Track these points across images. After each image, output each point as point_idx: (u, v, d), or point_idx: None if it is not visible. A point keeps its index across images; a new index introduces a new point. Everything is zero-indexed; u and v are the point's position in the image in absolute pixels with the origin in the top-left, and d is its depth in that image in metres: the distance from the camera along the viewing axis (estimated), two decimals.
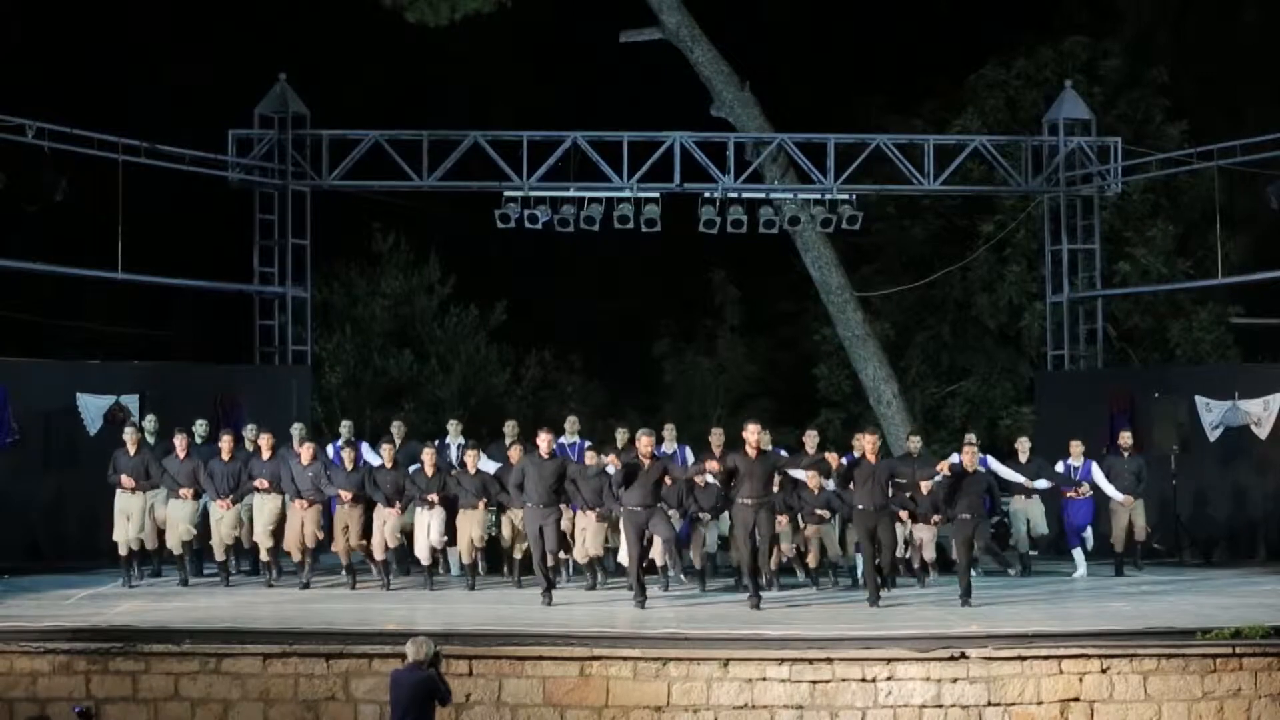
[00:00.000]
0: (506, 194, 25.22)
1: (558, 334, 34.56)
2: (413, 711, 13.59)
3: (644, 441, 18.66)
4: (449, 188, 26.02)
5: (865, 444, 18.91)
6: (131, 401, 22.48)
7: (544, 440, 19.17)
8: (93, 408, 22.61)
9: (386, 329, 33.29)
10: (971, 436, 21.51)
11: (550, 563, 19.08)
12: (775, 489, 19.18)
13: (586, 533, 20.03)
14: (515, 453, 20.27)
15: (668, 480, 19.28)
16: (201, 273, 25.73)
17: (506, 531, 20.53)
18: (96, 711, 15.26)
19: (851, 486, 18.82)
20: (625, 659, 15.69)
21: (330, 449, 21.10)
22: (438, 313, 33.79)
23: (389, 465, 20.18)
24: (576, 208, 25.19)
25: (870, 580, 18.55)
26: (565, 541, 20.00)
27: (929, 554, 20.67)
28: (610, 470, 18.85)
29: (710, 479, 19.57)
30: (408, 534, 20.44)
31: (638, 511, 18.46)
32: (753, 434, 18.39)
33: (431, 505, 19.91)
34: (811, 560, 20.33)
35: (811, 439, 21.39)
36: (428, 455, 20.21)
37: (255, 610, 17.76)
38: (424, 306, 33.64)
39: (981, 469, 19.34)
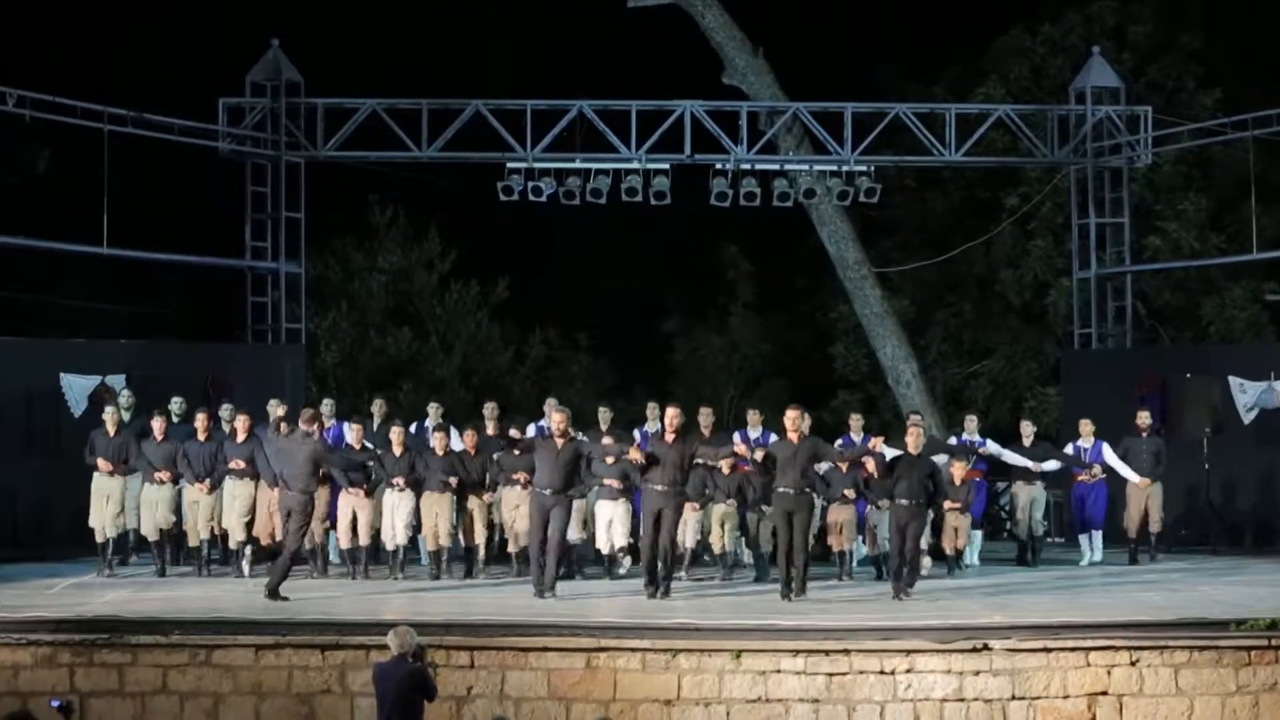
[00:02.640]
0: (509, 165, 25.15)
1: (563, 311, 34.51)
2: (400, 707, 13.51)
3: (556, 419, 18.63)
4: (449, 159, 25.94)
5: (786, 422, 18.63)
6: (117, 382, 22.39)
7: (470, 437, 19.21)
8: (77, 388, 22.56)
9: (384, 306, 33.27)
10: (917, 416, 21.51)
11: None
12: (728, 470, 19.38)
13: (613, 523, 19.93)
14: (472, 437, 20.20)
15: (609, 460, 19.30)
16: (191, 247, 25.68)
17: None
18: (80, 705, 15.22)
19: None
20: (634, 650, 15.65)
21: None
22: (438, 289, 33.76)
23: (355, 445, 20.05)
24: (582, 180, 25.12)
25: (783, 570, 18.34)
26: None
27: (962, 541, 20.58)
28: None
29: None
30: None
31: (545, 495, 18.37)
32: (671, 418, 18.40)
33: (401, 489, 19.82)
34: (716, 546, 20.17)
35: (755, 418, 21.41)
36: (395, 435, 20.06)
37: (247, 600, 17.70)
38: (423, 283, 33.60)
39: (926, 453, 19.13)
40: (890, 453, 19.27)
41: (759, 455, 19.27)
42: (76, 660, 15.63)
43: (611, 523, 19.87)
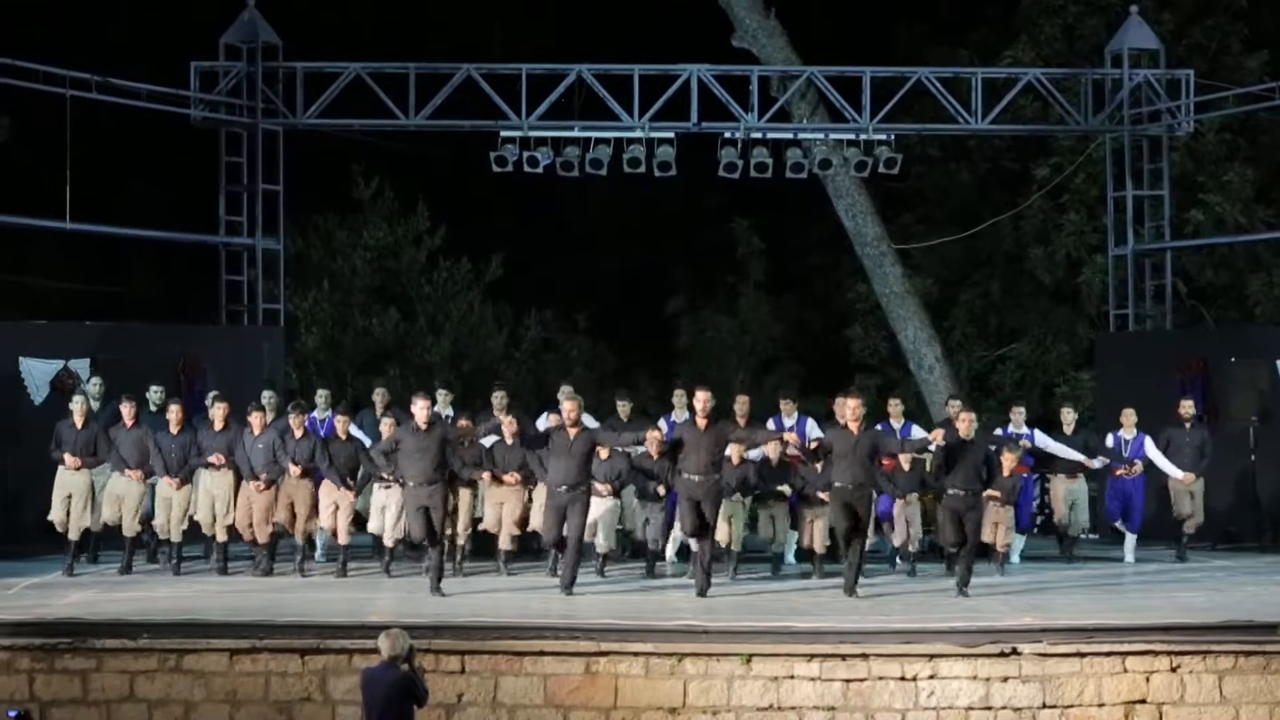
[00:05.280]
0: (503, 134, 25.09)
1: (560, 291, 34.51)
2: (388, 714, 13.49)
3: (566, 407, 18.54)
4: (439, 127, 25.87)
5: (847, 411, 18.62)
6: (82, 366, 22.33)
7: (421, 408, 18.61)
8: (38, 374, 22.49)
9: (369, 285, 33.23)
10: (958, 403, 21.43)
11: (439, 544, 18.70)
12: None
13: (599, 521, 19.92)
14: (508, 425, 20.05)
15: (602, 453, 19.30)
16: (161, 222, 25.61)
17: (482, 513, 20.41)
18: (40, 714, 15.21)
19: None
20: (636, 654, 15.66)
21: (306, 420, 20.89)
22: (426, 267, 33.73)
23: (342, 436, 20.03)
24: (581, 150, 25.06)
25: (850, 568, 18.41)
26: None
27: (1008, 538, 20.52)
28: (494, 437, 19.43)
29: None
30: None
31: (560, 492, 18.35)
32: (702, 401, 18.33)
33: (388, 485, 19.74)
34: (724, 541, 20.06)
35: (788, 406, 21.42)
36: (386, 427, 19.96)
37: (220, 601, 17.68)
38: (411, 260, 33.57)
39: (978, 439, 19.14)
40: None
41: (804, 444, 19.29)
42: (36, 666, 15.63)
43: (598, 521, 19.86)
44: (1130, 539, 22.01)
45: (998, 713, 15.55)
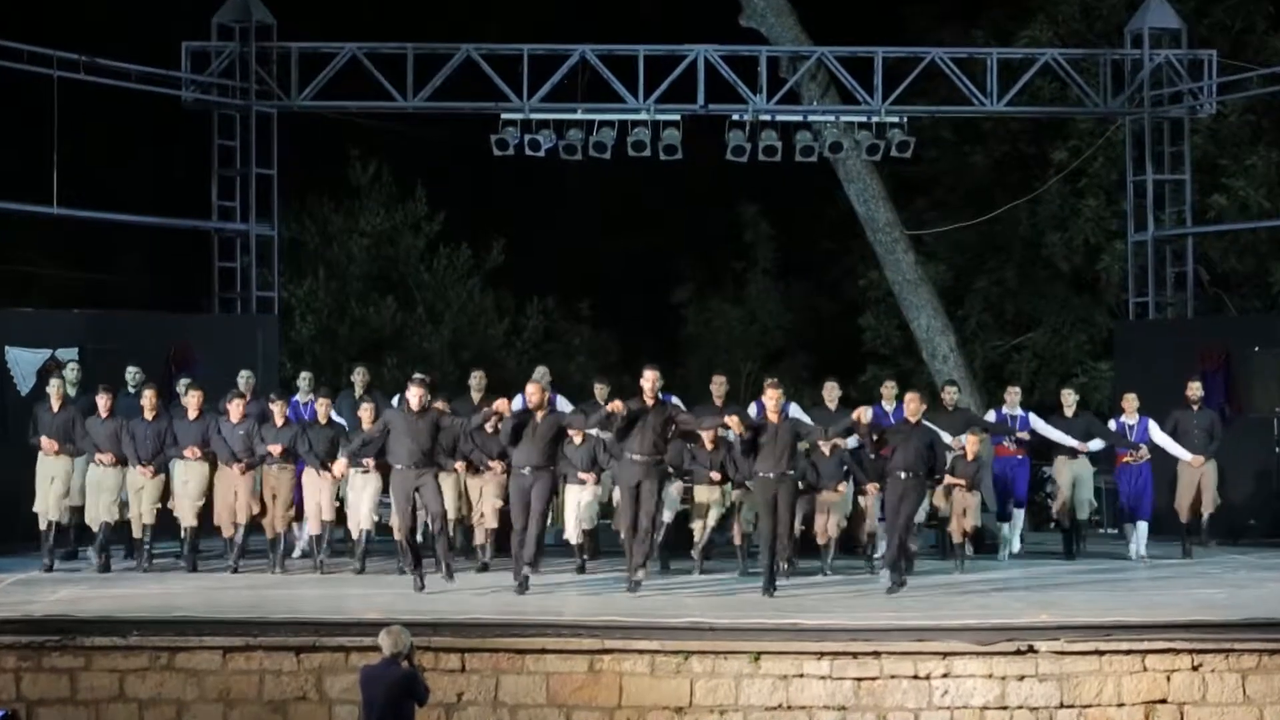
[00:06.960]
0: (504, 117, 25.09)
1: (563, 279, 34.50)
2: (389, 713, 13.50)
3: (529, 390, 18.51)
4: (438, 109, 25.87)
5: (767, 400, 18.56)
6: (69, 355, 22.32)
7: (415, 393, 18.47)
8: (24, 363, 22.48)
9: (366, 272, 33.23)
10: (953, 388, 21.41)
11: (434, 530, 18.59)
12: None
13: (579, 506, 20.01)
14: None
15: (576, 437, 19.40)
16: (151, 207, 25.61)
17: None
18: (27, 715, 15.21)
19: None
20: (641, 652, 15.64)
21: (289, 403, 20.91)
22: (425, 254, 33.73)
23: (323, 421, 20.08)
24: (585, 132, 25.06)
25: (767, 562, 18.26)
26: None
27: (969, 524, 20.45)
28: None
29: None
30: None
31: (524, 474, 18.24)
32: (649, 380, 18.29)
33: (367, 470, 19.75)
34: (698, 533, 20.15)
35: (719, 385, 21.26)
36: (365, 412, 19.94)
37: (214, 597, 17.66)
38: (409, 247, 33.58)
39: (925, 422, 19.02)
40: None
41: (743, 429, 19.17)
42: (23, 664, 15.61)
43: (580, 506, 20.07)
44: (1142, 527, 21.95)
45: (1014, 712, 15.52)
